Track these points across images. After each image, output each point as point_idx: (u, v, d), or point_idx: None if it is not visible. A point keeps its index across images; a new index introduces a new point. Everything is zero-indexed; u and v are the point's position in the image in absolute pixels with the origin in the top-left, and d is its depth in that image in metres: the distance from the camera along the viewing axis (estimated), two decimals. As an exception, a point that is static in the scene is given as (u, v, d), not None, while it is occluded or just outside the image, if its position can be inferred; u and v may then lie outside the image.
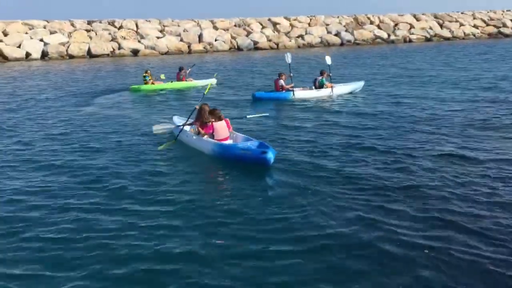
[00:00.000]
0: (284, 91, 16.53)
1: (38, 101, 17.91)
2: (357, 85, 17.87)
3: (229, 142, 9.47)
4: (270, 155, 8.09)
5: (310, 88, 17.09)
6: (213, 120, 9.63)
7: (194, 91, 20.05)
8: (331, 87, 16.86)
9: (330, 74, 17.41)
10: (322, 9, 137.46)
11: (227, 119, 9.83)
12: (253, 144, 8.85)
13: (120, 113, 14.96)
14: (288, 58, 17.36)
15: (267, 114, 12.14)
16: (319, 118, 13.07)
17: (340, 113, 13.66)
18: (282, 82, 16.62)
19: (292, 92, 16.37)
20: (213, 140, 9.34)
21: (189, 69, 22.23)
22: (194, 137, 9.90)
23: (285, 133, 11.26)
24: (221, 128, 9.52)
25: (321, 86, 16.85)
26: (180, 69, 21.50)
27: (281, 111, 14.58)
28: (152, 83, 20.57)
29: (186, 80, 21.21)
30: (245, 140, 9.36)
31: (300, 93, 16.52)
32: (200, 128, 9.88)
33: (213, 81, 21.57)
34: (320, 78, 16.98)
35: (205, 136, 9.61)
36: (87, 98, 18.50)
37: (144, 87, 20.35)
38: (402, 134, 10.61)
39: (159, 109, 15.78)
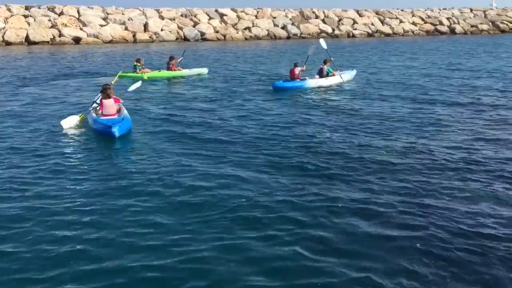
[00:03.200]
0: (299, 79, 17.05)
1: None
2: (353, 73, 19.21)
3: (115, 117, 10.50)
4: (114, 130, 9.58)
5: (315, 77, 17.66)
6: (104, 97, 10.69)
7: (184, 80, 19.98)
8: (336, 74, 17.86)
9: (332, 59, 18.24)
10: (269, 2, 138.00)
11: (116, 97, 10.93)
12: (113, 120, 10.20)
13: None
14: (323, 44, 18.73)
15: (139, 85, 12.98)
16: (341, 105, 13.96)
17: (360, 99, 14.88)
18: (298, 70, 17.10)
19: (307, 81, 17.01)
20: (93, 116, 10.61)
21: (181, 58, 21.80)
22: (89, 116, 10.88)
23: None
24: (108, 105, 10.61)
25: (327, 74, 17.62)
26: (171, 58, 21.26)
27: (300, 100, 15.07)
28: (142, 73, 20.13)
29: (175, 70, 21.04)
30: (117, 117, 10.56)
31: (315, 82, 17.23)
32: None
33: (204, 70, 21.54)
34: (325, 66, 17.71)
35: (99, 112, 10.73)
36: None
37: (132, 75, 20.03)
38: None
39: (145, 99, 15.42)
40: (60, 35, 45.15)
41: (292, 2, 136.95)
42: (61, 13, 47.91)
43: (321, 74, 17.69)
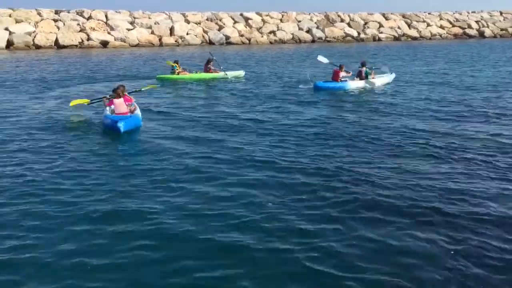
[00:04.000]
0: (341, 81, 17.45)
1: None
2: (392, 77, 19.38)
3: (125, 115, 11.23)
4: (119, 125, 10.35)
5: (353, 79, 17.89)
6: (115, 97, 11.42)
7: (221, 82, 20.19)
8: (374, 77, 18.15)
9: (344, 66, 18.26)
10: (294, 5, 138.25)
11: (129, 97, 11.63)
12: (121, 117, 10.92)
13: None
14: (323, 59, 19.26)
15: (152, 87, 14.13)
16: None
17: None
18: (343, 74, 17.52)
19: (348, 83, 17.38)
20: (107, 113, 11.37)
21: (214, 59, 21.92)
22: (103, 114, 11.65)
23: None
24: (119, 104, 11.31)
25: (366, 76, 17.90)
26: (208, 60, 21.61)
27: (341, 100, 15.50)
28: (178, 73, 20.75)
29: (212, 72, 21.40)
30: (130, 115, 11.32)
31: (355, 83, 17.54)
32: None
33: (241, 73, 21.83)
34: (364, 69, 17.99)
35: (107, 109, 11.50)
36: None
37: (170, 76, 20.70)
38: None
39: (184, 98, 16.17)
40: (89, 38, 46.01)
41: (317, 6, 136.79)
42: (89, 17, 48.85)
43: (360, 76, 17.98)
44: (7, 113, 13.14)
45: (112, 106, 11.44)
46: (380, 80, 18.41)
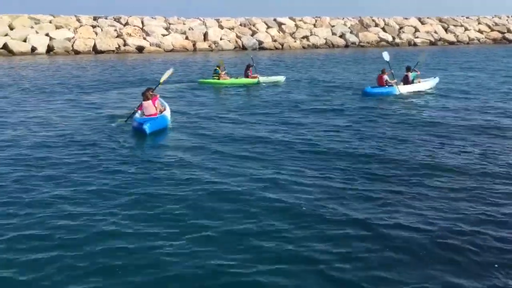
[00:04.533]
0: (387, 86, 17.44)
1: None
2: (435, 81, 19.25)
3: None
4: (145, 127, 10.86)
5: (398, 84, 17.81)
6: (144, 99, 11.96)
7: (261, 88, 20.28)
8: (420, 81, 18.28)
9: (392, 71, 18.31)
10: (327, 10, 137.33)
11: (156, 97, 12.13)
12: (147, 118, 11.45)
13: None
14: (386, 56, 18.41)
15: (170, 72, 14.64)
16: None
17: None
18: (386, 77, 17.56)
19: (396, 88, 17.33)
20: (136, 116, 11.99)
21: (253, 65, 22.02)
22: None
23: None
24: (147, 106, 11.84)
25: (412, 81, 18.04)
26: (248, 66, 21.87)
27: (391, 105, 15.51)
28: (219, 78, 21.07)
29: (252, 77, 21.58)
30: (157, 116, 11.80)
31: (403, 88, 17.49)
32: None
33: (281, 78, 21.95)
34: (410, 73, 18.07)
35: (138, 113, 12.12)
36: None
37: (212, 81, 21.10)
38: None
39: (223, 103, 16.50)
40: (125, 44, 47.11)
41: (351, 11, 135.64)
42: (126, 24, 50.03)
43: (406, 81, 18.01)
44: (45, 118, 13.58)
45: (143, 109, 11.99)
46: (425, 85, 18.46)
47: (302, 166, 8.48)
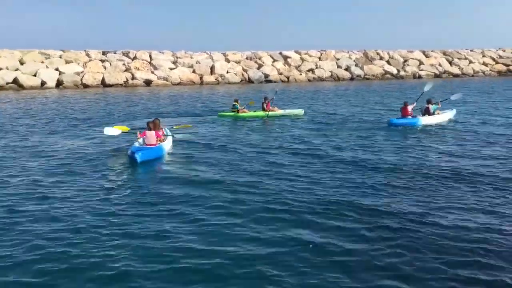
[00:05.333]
0: (411, 117, 18.37)
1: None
2: (453, 113, 20.07)
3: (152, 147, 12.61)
4: (136, 156, 11.52)
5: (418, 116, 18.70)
6: (147, 129, 12.92)
7: (279, 119, 20.51)
8: (440, 113, 19.03)
9: (415, 103, 19.14)
10: (333, 44, 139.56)
11: (159, 131, 13.07)
12: (143, 148, 12.30)
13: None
14: (427, 86, 20.12)
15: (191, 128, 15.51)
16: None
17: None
18: (410, 108, 18.47)
19: (420, 119, 18.21)
20: (135, 143, 12.87)
21: (272, 98, 22.19)
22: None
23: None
24: (149, 136, 12.73)
25: (433, 113, 18.75)
26: (265, 98, 22.00)
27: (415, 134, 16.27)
28: (237, 112, 21.46)
29: (270, 110, 21.67)
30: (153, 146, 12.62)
31: (426, 119, 18.37)
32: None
33: (300, 111, 22.08)
34: (431, 106, 18.81)
35: (138, 141, 13.03)
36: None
37: (231, 114, 21.47)
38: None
39: (242, 135, 16.75)
40: (133, 78, 47.85)
41: (356, 44, 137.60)
42: (134, 58, 50.95)
43: (428, 112, 18.66)
44: (51, 149, 13.96)
45: (144, 137, 12.86)
46: (445, 116, 19.18)
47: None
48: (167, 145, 13.26)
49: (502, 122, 18.52)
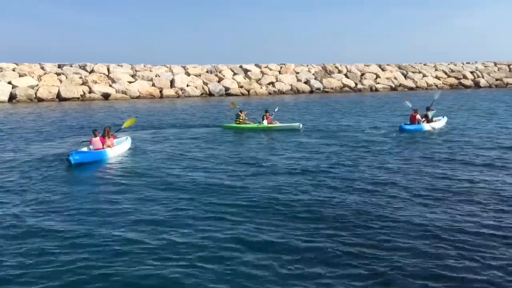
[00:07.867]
0: (418, 123, 20.30)
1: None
2: (445, 120, 22.18)
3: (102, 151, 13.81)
4: (70, 159, 12.35)
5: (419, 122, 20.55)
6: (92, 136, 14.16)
7: (278, 133, 20.47)
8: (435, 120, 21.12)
9: (434, 109, 21.61)
10: (292, 58, 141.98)
11: (109, 138, 14.27)
12: (81, 152, 13.26)
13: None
14: (436, 95, 23.56)
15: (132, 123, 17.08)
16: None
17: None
18: (419, 116, 20.33)
19: (423, 125, 20.25)
20: (84, 148, 13.99)
21: (273, 114, 22.65)
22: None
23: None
24: (95, 142, 13.97)
25: (432, 119, 20.77)
26: (266, 111, 22.66)
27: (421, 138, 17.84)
28: (239, 122, 22.25)
29: (271, 123, 22.08)
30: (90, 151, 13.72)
31: (427, 126, 20.28)
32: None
33: (298, 125, 22.11)
34: (430, 112, 20.84)
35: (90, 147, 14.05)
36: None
37: (235, 126, 22.22)
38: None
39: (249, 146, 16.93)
40: (90, 91, 46.84)
41: (315, 58, 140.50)
42: (92, 71, 49.95)
43: (427, 119, 20.57)
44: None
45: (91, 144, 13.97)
46: (441, 122, 21.46)
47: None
48: (117, 149, 14.40)
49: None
